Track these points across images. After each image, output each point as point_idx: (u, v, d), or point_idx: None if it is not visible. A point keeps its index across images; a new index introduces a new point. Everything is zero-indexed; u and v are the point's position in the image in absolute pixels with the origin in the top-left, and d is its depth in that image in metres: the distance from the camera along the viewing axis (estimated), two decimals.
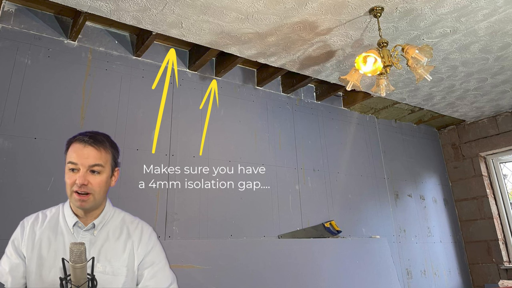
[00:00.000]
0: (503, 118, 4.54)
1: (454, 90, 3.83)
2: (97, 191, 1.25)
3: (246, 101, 3.49)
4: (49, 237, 1.26)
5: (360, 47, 2.91)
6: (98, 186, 1.25)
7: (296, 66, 3.23)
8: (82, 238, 1.26)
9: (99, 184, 1.25)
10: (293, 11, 2.43)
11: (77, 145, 1.26)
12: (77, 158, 1.24)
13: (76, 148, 1.25)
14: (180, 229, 2.78)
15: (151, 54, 3.05)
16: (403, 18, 2.55)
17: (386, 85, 2.47)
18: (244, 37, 2.74)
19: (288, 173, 3.50)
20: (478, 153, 4.69)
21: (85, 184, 1.22)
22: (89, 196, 1.23)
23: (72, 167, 1.24)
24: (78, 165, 1.24)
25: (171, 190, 2.83)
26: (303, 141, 3.73)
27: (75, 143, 1.26)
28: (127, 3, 2.33)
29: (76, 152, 1.25)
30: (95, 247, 1.26)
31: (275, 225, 3.23)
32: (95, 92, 2.74)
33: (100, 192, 1.27)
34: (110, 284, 1.24)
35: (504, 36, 2.83)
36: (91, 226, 1.28)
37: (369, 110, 4.31)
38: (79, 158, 1.24)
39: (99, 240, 1.28)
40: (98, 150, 1.27)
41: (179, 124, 3.04)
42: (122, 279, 1.26)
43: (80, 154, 1.24)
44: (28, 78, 2.52)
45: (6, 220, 2.19)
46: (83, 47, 2.79)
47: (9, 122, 2.39)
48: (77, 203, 1.23)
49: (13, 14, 2.58)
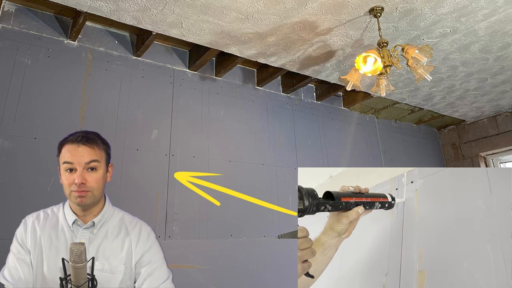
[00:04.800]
0: (503, 118, 4.54)
1: (454, 90, 3.83)
2: (96, 187, 1.27)
3: (246, 101, 3.48)
4: (50, 235, 1.28)
5: (360, 47, 2.91)
6: (96, 182, 1.27)
7: (296, 66, 3.23)
8: (81, 235, 1.28)
9: (96, 181, 1.28)
10: (293, 11, 2.43)
11: (70, 145, 1.27)
12: (73, 158, 1.25)
13: (69, 148, 1.27)
14: (180, 229, 2.78)
15: (151, 54, 3.05)
16: (403, 18, 2.55)
17: (386, 85, 2.47)
18: (244, 37, 2.74)
19: (288, 173, 3.50)
20: (478, 153, 4.69)
21: (84, 183, 1.24)
22: (88, 193, 1.25)
23: (69, 167, 1.26)
24: (74, 164, 1.25)
25: (171, 190, 2.83)
26: (303, 141, 3.72)
27: (68, 144, 1.28)
28: (127, 3, 2.33)
29: (70, 152, 1.26)
30: (94, 245, 1.28)
31: (275, 225, 3.23)
32: (95, 92, 2.73)
33: (98, 188, 1.29)
34: (108, 282, 1.25)
35: (504, 36, 2.83)
36: (90, 224, 1.30)
37: (369, 110, 4.31)
38: (75, 158, 1.25)
39: (98, 238, 1.30)
40: (91, 147, 1.29)
41: (179, 124, 3.03)
42: (120, 277, 1.28)
43: (75, 154, 1.26)
44: (28, 78, 2.52)
45: (6, 220, 2.19)
46: (83, 47, 2.79)
47: (9, 122, 2.39)
48: (76, 200, 1.25)
49: (13, 14, 2.57)
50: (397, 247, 1.06)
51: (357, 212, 0.96)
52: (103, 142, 1.36)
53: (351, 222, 0.97)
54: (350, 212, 0.96)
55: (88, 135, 1.31)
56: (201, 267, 2.75)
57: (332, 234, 0.97)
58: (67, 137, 1.30)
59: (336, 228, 0.96)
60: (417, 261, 1.00)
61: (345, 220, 0.96)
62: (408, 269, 1.01)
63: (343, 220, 0.96)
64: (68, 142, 1.28)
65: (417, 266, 0.99)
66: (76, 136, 1.29)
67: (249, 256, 2.98)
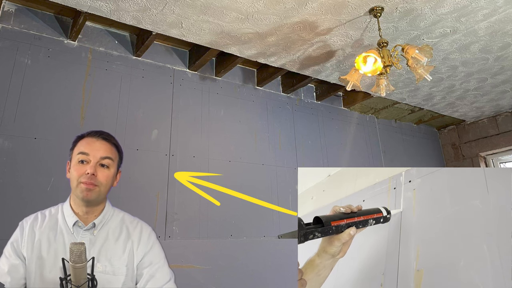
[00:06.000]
0: (503, 118, 4.53)
1: (454, 90, 3.83)
2: (104, 184, 1.28)
3: (246, 101, 3.49)
4: (49, 237, 1.27)
5: (360, 47, 2.91)
6: (105, 179, 1.28)
7: (296, 66, 3.23)
8: (82, 237, 1.27)
9: (106, 178, 1.28)
10: (293, 11, 2.43)
11: (89, 138, 1.31)
12: (89, 149, 1.27)
13: (88, 141, 1.30)
14: (180, 229, 2.78)
15: (151, 54, 3.06)
16: (403, 18, 2.55)
17: (386, 85, 2.47)
18: (244, 37, 2.74)
19: (288, 173, 3.50)
20: (478, 153, 4.68)
21: (94, 175, 1.24)
22: (96, 187, 1.25)
23: (83, 158, 1.27)
24: (89, 156, 1.27)
25: (171, 190, 2.83)
26: (303, 141, 3.73)
27: (87, 137, 1.31)
28: (127, 3, 2.33)
29: (88, 144, 1.29)
30: (95, 247, 1.26)
31: (275, 225, 3.23)
32: (95, 92, 2.74)
33: (107, 186, 1.29)
34: (110, 283, 1.24)
35: (504, 36, 2.83)
36: (91, 225, 1.28)
37: (369, 110, 4.31)
38: (91, 150, 1.27)
39: (99, 240, 1.28)
40: (109, 144, 1.32)
41: (179, 124, 3.04)
42: (122, 278, 1.27)
43: (92, 146, 1.28)
44: (28, 78, 2.52)
45: (6, 220, 2.19)
46: (83, 47, 2.79)
47: (9, 122, 2.39)
48: (83, 193, 1.24)
49: (13, 14, 2.58)
50: (395, 246, 1.07)
51: (349, 234, 0.94)
52: (119, 145, 1.40)
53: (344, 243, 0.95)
54: (342, 235, 0.94)
55: (107, 134, 1.36)
56: (201, 267, 2.75)
57: (325, 256, 0.95)
58: (86, 132, 1.34)
59: (329, 251, 0.95)
60: (415, 260, 1.00)
61: (337, 243, 0.94)
62: (405, 268, 1.01)
63: (335, 243, 0.94)
64: (87, 135, 1.32)
65: (414, 265, 0.99)
66: (95, 132, 1.33)
67: (249, 256, 2.98)
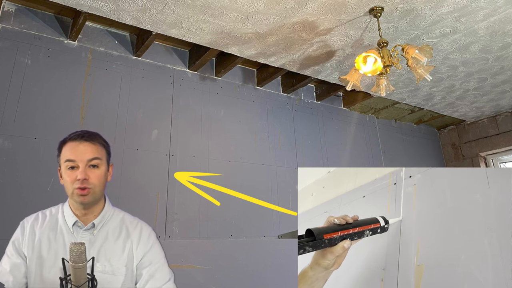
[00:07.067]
0: (503, 118, 4.54)
1: (454, 90, 3.83)
2: (97, 185, 1.27)
3: (246, 101, 3.49)
4: (49, 237, 1.27)
5: (360, 47, 2.91)
6: (97, 179, 1.27)
7: (296, 66, 3.23)
8: (81, 237, 1.27)
9: (98, 178, 1.27)
10: (293, 11, 2.43)
11: (72, 143, 1.27)
12: (75, 155, 1.25)
13: (71, 146, 1.27)
14: (180, 229, 2.78)
15: (151, 54, 3.06)
16: (403, 18, 2.55)
17: (386, 85, 2.47)
18: (244, 37, 2.74)
19: (288, 173, 3.50)
20: (478, 153, 4.68)
21: (86, 179, 1.23)
22: (89, 190, 1.24)
23: (71, 165, 1.25)
24: (76, 161, 1.25)
25: (171, 190, 2.83)
26: (303, 141, 3.73)
27: (69, 142, 1.28)
28: (127, 3, 2.33)
29: (72, 149, 1.26)
30: (95, 247, 1.26)
31: (275, 225, 3.23)
32: (95, 92, 2.74)
33: (100, 186, 1.28)
34: (110, 283, 1.24)
35: (504, 36, 2.83)
36: (90, 225, 1.28)
37: (369, 110, 4.32)
38: (77, 155, 1.25)
39: (99, 240, 1.28)
40: (93, 144, 1.29)
41: (179, 124, 3.04)
42: (122, 278, 1.26)
43: (77, 151, 1.26)
44: (28, 78, 2.52)
45: (6, 220, 2.19)
46: (83, 47, 2.79)
47: (9, 122, 2.39)
48: (79, 198, 1.24)
49: (13, 14, 2.58)
50: (395, 241, 1.06)
51: (342, 247, 0.89)
52: (103, 141, 1.36)
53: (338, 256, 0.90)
54: (335, 248, 0.89)
55: (88, 133, 1.31)
56: (201, 267, 2.74)
57: (318, 268, 0.91)
58: (67, 136, 1.30)
59: (322, 264, 0.90)
60: (415, 255, 0.99)
61: (330, 256, 0.89)
62: (406, 263, 1.01)
63: (328, 256, 0.89)
64: (69, 140, 1.28)
65: (415, 260, 0.99)
66: (77, 134, 1.29)
67: (249, 256, 2.98)
